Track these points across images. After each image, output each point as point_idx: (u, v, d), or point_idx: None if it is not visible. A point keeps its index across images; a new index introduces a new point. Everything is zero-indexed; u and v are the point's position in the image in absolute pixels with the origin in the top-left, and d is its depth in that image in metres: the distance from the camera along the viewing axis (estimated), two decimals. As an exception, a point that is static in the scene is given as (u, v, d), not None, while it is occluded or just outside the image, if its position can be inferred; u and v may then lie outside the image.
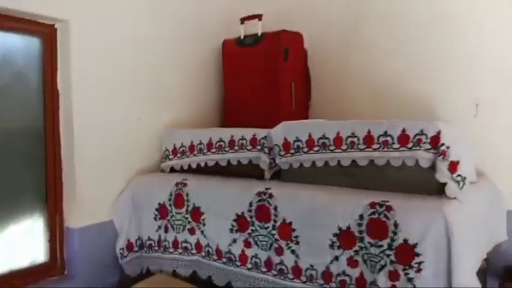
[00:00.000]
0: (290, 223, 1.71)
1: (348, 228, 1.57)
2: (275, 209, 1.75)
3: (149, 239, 2.16)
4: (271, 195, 1.78)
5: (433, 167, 1.61)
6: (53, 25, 2.06)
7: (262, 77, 2.55)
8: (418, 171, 1.65)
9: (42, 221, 2.09)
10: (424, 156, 1.61)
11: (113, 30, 2.21)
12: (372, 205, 1.54)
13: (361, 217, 1.55)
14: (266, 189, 1.81)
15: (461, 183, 1.60)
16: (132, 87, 2.31)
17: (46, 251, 2.09)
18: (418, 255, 1.43)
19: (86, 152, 2.11)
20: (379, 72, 2.52)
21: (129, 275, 2.20)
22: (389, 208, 1.50)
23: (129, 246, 2.21)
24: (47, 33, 2.05)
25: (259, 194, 1.81)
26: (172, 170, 2.34)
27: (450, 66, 2.31)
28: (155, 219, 2.14)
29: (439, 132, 1.59)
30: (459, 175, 1.59)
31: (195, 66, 2.70)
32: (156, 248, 2.14)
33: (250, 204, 1.82)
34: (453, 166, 1.58)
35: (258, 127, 2.13)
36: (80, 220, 2.11)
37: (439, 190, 1.63)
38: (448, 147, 1.58)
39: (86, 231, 2.12)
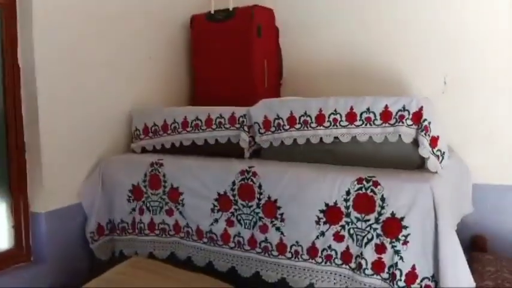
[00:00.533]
0: (275, 201, 1.70)
1: (335, 204, 1.59)
2: (259, 187, 1.74)
3: (122, 221, 2.08)
4: (255, 174, 1.75)
5: (414, 143, 1.65)
6: (12, -5, 1.89)
7: (234, 53, 2.50)
8: (399, 147, 1.68)
9: (5, 206, 1.95)
10: (406, 132, 1.64)
11: (78, 4, 2.06)
12: (359, 181, 1.56)
13: (347, 193, 1.57)
14: (249, 167, 1.78)
15: (441, 158, 1.65)
16: (99, 65, 2.18)
17: (10, 237, 1.96)
18: (405, 227, 1.47)
19: (51, 132, 1.97)
20: (350, 49, 2.54)
21: (100, 259, 2.12)
22: (376, 183, 1.52)
23: (100, 230, 2.12)
24: (5, 4, 1.88)
25: (242, 172, 1.78)
26: (143, 150, 2.25)
27: (419, 42, 2.37)
28: (129, 201, 2.06)
29: (421, 108, 1.63)
30: (439, 150, 1.64)
31: (162, 44, 2.59)
32: (130, 231, 2.07)
33: (233, 183, 1.79)
34: (434, 141, 1.63)
35: (229, 106, 2.09)
36: (46, 204, 1.98)
37: (418, 165, 1.68)
38: (429, 123, 1.62)
39: (53, 215, 2.01)
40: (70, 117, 2.05)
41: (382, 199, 1.50)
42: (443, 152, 1.66)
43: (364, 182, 1.54)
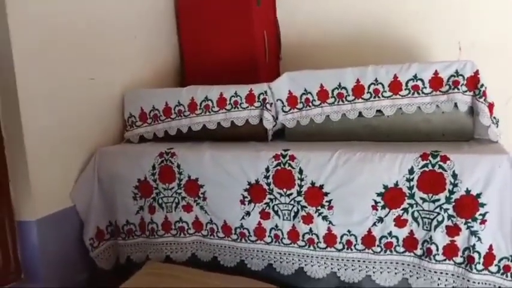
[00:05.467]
0: (321, 186, 1.49)
1: (396, 185, 1.40)
2: (300, 172, 1.52)
3: (128, 223, 1.79)
4: (292, 158, 1.53)
5: (467, 111, 1.50)
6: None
7: (230, 24, 2.23)
8: (450, 117, 1.53)
9: (-15, 217, 1.60)
10: (462, 99, 1.48)
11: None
12: (424, 157, 1.37)
13: (410, 171, 1.39)
14: (285, 151, 1.55)
15: (496, 125, 1.51)
16: (81, 44, 1.83)
17: (-5, 254, 1.62)
18: (482, 205, 1.31)
19: (34, 126, 1.63)
20: (358, 18, 2.35)
21: (102, 268, 1.83)
22: (445, 158, 1.35)
23: (100, 235, 1.82)
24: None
25: (276, 157, 1.55)
26: (141, 139, 1.95)
27: (432, 10, 2.22)
28: (134, 198, 1.77)
29: (477, 72, 1.48)
30: (494, 117, 1.50)
31: (147, 16, 2.26)
32: (139, 233, 1.79)
33: (267, 170, 1.56)
34: (491, 108, 1.48)
35: (227, 83, 1.85)
36: (35, 210, 1.66)
37: (472, 136, 1.54)
38: (486, 88, 1.47)
39: (44, 222, 1.68)
40: (54, 108, 1.71)
41: (454, 175, 1.33)
42: (498, 120, 1.52)
43: (430, 158, 1.36)
